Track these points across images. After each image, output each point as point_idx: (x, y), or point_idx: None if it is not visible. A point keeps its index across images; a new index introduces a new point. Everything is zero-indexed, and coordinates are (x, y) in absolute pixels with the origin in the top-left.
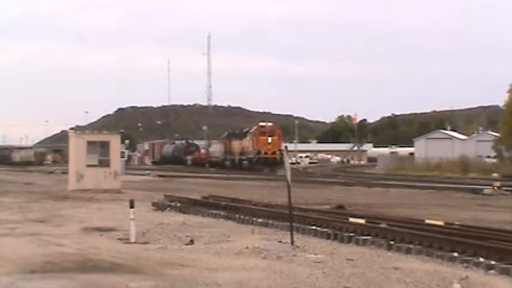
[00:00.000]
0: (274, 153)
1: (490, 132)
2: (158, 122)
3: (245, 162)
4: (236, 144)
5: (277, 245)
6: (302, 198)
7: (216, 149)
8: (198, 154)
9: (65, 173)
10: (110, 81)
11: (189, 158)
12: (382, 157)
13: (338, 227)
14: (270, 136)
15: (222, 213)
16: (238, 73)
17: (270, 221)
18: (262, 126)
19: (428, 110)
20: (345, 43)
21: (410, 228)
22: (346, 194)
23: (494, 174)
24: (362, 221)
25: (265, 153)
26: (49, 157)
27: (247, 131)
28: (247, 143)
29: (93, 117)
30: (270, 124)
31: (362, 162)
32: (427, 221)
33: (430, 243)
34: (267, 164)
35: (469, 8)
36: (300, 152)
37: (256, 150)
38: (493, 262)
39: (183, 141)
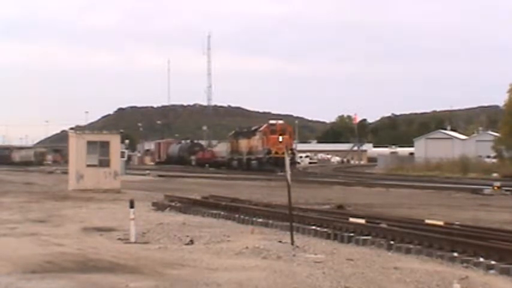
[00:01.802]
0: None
1: (490, 132)
2: (158, 122)
3: (254, 162)
4: (244, 144)
5: (277, 245)
6: (302, 198)
7: (222, 148)
8: (202, 154)
9: (65, 173)
10: (110, 81)
11: (193, 158)
12: (382, 157)
13: (338, 227)
14: (280, 135)
15: (222, 213)
16: (238, 73)
17: (270, 221)
18: (273, 124)
19: (428, 110)
20: (345, 43)
21: (410, 228)
22: (346, 194)
23: (494, 174)
24: (362, 221)
25: (276, 152)
26: (49, 157)
27: (256, 129)
28: (256, 142)
29: (93, 117)
30: (280, 122)
31: (362, 162)
32: (427, 221)
33: (430, 243)
34: (278, 165)
35: (469, 8)
36: (300, 152)
37: (266, 150)
38: (493, 262)
39: (188, 141)
